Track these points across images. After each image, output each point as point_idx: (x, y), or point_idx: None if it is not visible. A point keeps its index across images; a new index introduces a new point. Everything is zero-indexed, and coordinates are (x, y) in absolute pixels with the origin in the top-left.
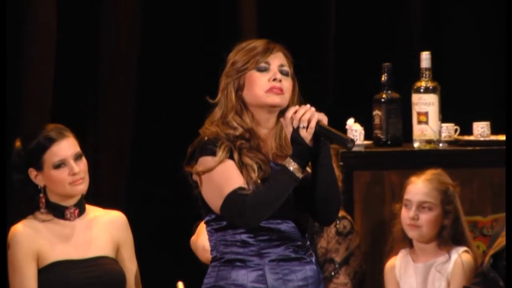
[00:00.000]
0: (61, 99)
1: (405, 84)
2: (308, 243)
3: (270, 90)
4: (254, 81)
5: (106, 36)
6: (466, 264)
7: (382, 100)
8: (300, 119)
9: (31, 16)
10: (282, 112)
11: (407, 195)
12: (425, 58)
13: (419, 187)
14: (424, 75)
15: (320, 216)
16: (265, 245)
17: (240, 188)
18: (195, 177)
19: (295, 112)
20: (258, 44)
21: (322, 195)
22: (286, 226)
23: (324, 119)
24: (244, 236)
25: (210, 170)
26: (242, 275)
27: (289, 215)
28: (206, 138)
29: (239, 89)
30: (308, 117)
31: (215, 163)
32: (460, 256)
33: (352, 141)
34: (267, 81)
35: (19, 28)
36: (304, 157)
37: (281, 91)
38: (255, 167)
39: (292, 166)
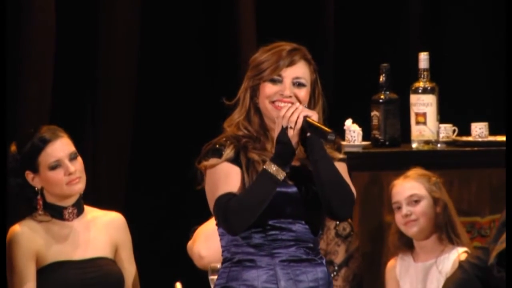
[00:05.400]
0: (60, 99)
1: (403, 84)
2: (319, 247)
3: (274, 102)
4: (265, 91)
5: (105, 36)
6: None
7: (380, 101)
8: (288, 119)
9: (30, 16)
10: None
11: (394, 198)
12: (423, 59)
13: (401, 185)
14: (422, 76)
15: (333, 210)
16: (277, 245)
17: (229, 194)
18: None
19: (286, 111)
20: (280, 53)
21: (329, 188)
22: (298, 226)
23: (314, 116)
24: (255, 236)
25: (212, 171)
26: (253, 276)
27: (301, 215)
28: (215, 142)
29: (254, 95)
30: (295, 118)
31: (217, 164)
32: (459, 256)
33: (333, 134)
34: (274, 94)
35: (17, 28)
36: (286, 158)
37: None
38: (260, 161)
39: (271, 168)
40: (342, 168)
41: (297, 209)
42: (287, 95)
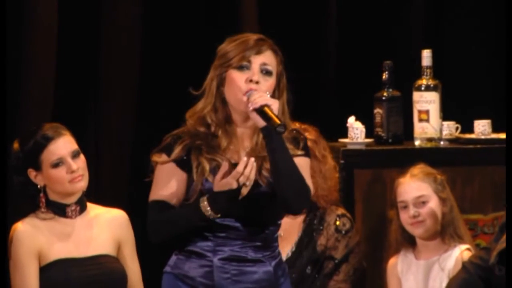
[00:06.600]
0: (62, 98)
1: (406, 82)
2: (276, 243)
3: (246, 93)
4: (233, 80)
5: (107, 34)
6: None
7: (383, 98)
8: (252, 101)
9: (31, 15)
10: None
11: (401, 197)
12: (426, 56)
13: (408, 185)
14: (425, 73)
15: (287, 201)
16: (222, 242)
17: (161, 202)
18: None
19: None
20: (247, 41)
21: (284, 179)
22: (245, 225)
23: (274, 106)
24: (204, 231)
25: (159, 168)
26: (193, 269)
27: (248, 214)
28: (172, 136)
29: (221, 84)
30: (258, 100)
31: (164, 163)
32: (461, 254)
33: (282, 125)
34: (245, 83)
35: (19, 27)
36: (221, 205)
37: None
38: (207, 169)
39: (205, 207)
40: (303, 163)
41: (244, 208)
42: (256, 80)
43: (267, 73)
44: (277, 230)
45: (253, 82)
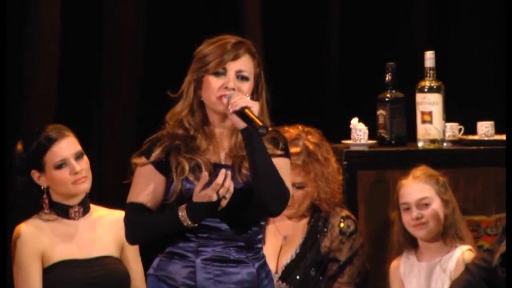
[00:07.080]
0: (65, 98)
1: (409, 83)
2: (260, 245)
3: (220, 97)
4: (209, 84)
5: (110, 34)
6: None
7: (386, 99)
8: (232, 103)
9: (34, 15)
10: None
11: (403, 199)
12: (429, 58)
13: (411, 187)
14: (428, 75)
15: (265, 202)
16: (204, 243)
17: (139, 205)
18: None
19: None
20: (224, 45)
21: (263, 180)
22: (227, 225)
23: (254, 107)
24: (186, 232)
25: (138, 169)
26: (176, 270)
27: (229, 214)
28: (152, 139)
29: (198, 88)
30: (239, 102)
31: (144, 165)
32: (463, 254)
33: (264, 127)
34: (219, 88)
35: (21, 27)
36: (200, 215)
37: None
38: (187, 168)
39: (183, 215)
40: (283, 163)
41: (225, 209)
42: (231, 87)
43: (243, 78)
44: (260, 231)
45: (228, 89)
